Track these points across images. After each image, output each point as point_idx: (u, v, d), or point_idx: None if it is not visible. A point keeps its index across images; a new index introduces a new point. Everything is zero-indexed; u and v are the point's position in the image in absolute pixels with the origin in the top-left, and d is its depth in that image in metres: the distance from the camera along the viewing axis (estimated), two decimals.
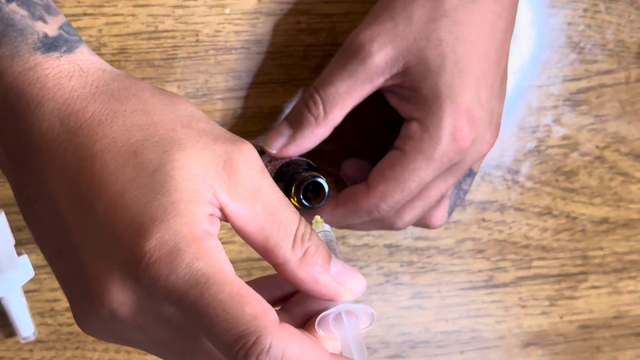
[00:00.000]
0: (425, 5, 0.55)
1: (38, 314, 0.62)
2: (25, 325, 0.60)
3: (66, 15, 0.56)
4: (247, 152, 0.42)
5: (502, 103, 0.59)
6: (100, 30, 0.58)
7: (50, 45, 0.42)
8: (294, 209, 0.43)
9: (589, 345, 0.75)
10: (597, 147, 0.71)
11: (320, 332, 0.44)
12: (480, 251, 0.70)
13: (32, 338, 0.61)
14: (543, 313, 0.73)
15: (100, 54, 0.58)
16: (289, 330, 0.39)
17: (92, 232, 0.39)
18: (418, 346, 0.71)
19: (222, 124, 0.61)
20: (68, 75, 0.42)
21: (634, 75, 0.70)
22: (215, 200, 0.40)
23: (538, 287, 0.72)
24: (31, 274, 0.59)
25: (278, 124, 0.60)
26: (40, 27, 0.42)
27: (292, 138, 0.58)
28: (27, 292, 0.61)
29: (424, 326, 0.71)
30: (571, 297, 0.73)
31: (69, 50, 0.42)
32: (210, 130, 0.43)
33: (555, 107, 0.69)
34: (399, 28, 0.55)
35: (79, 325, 0.42)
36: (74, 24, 0.57)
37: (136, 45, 0.59)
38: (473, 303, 0.71)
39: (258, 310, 0.38)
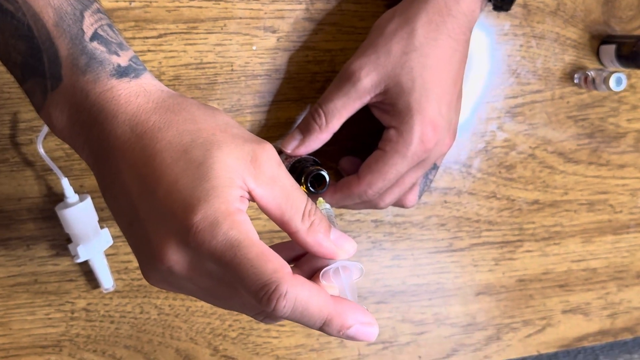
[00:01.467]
0: (400, 42, 0.56)
1: (116, 271, 0.62)
2: (106, 279, 0.60)
3: (135, 52, 0.57)
4: (268, 150, 0.42)
5: (458, 115, 0.59)
6: (160, 63, 0.58)
7: (122, 72, 0.42)
8: (303, 192, 0.43)
9: (524, 294, 0.75)
10: (530, 147, 0.71)
11: (323, 282, 0.44)
12: (443, 225, 0.71)
13: (112, 289, 0.61)
14: (490, 270, 0.73)
15: (160, 80, 0.58)
16: (300, 279, 0.39)
17: (155, 209, 0.40)
18: (397, 295, 0.71)
19: (251, 131, 0.61)
20: (135, 94, 0.42)
21: (557, 94, 0.70)
22: (245, 186, 0.40)
23: (486, 251, 0.73)
24: (110, 242, 0.60)
25: (292, 130, 0.60)
26: (115, 59, 0.42)
27: (302, 141, 0.59)
28: (107, 255, 0.61)
29: (401, 280, 0.71)
30: (511, 259, 0.74)
31: (136, 76, 0.43)
32: (241, 134, 0.43)
33: (498, 117, 0.69)
34: (381, 59, 0.56)
35: (145, 278, 0.42)
36: (141, 58, 0.57)
37: (187, 73, 0.59)
38: (438, 263, 0.71)
39: (277, 266, 0.38)
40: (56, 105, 0.42)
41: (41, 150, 0.55)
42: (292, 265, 0.46)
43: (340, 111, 0.57)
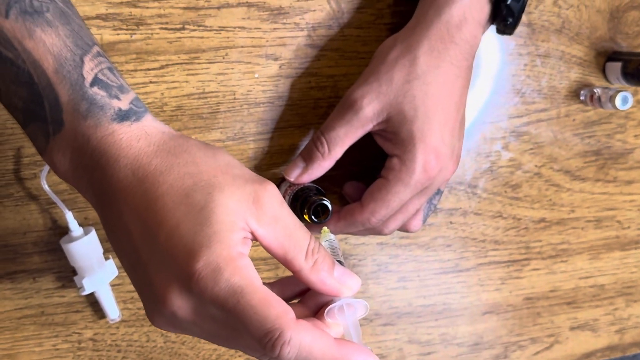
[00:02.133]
0: (402, 70, 0.55)
1: (122, 301, 0.63)
2: (112, 310, 0.61)
3: (136, 84, 0.57)
4: (270, 190, 0.42)
5: (462, 140, 0.59)
6: (162, 94, 0.58)
7: (123, 116, 0.42)
8: (306, 230, 0.43)
9: (531, 312, 0.75)
10: (536, 165, 0.71)
11: (328, 319, 0.44)
12: (449, 245, 0.71)
13: (118, 320, 0.61)
14: (496, 289, 0.73)
15: (163, 111, 0.58)
16: (304, 324, 0.39)
17: (157, 254, 0.40)
18: (403, 316, 0.71)
19: (254, 159, 0.62)
20: (137, 138, 0.42)
21: (563, 112, 0.70)
22: (247, 227, 0.40)
23: (492, 271, 0.73)
24: (116, 273, 0.60)
25: (294, 158, 0.60)
26: (115, 103, 0.42)
27: (305, 169, 0.59)
28: (113, 285, 0.62)
29: (407, 301, 0.71)
30: (517, 277, 0.74)
31: (137, 119, 0.43)
32: (242, 174, 0.43)
33: (503, 137, 0.69)
34: (383, 87, 0.56)
35: (150, 321, 0.42)
36: (143, 90, 0.57)
37: (189, 103, 0.59)
38: (444, 284, 0.72)
39: (280, 311, 0.39)
40: (58, 149, 0.43)
41: (45, 185, 0.56)
42: (297, 301, 0.47)
43: (342, 139, 0.57)
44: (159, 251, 0.40)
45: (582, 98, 0.70)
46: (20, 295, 0.60)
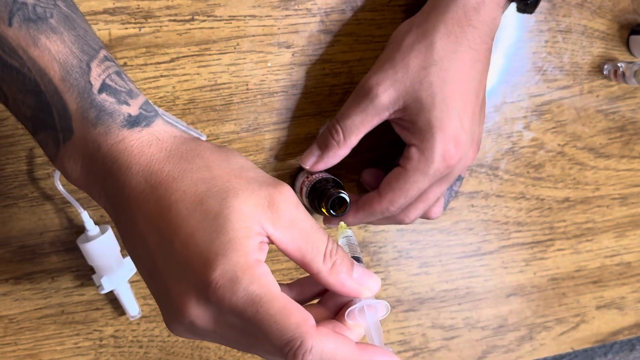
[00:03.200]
0: (418, 57, 0.54)
1: (141, 297, 0.63)
2: (132, 307, 0.61)
3: (147, 78, 0.56)
4: (285, 193, 0.42)
5: (482, 125, 0.58)
6: (174, 87, 0.57)
7: (133, 122, 0.41)
8: (324, 231, 0.43)
9: (556, 292, 0.75)
10: (559, 144, 0.69)
11: (349, 321, 0.44)
12: (471, 229, 0.70)
13: (138, 316, 0.61)
14: (520, 271, 0.73)
15: (175, 105, 0.57)
16: (325, 331, 0.39)
17: (173, 263, 0.40)
18: (426, 302, 0.71)
19: (270, 149, 0.61)
20: (148, 144, 0.41)
21: (586, 88, 0.68)
22: (263, 231, 0.40)
23: (516, 253, 0.72)
24: (134, 270, 0.59)
25: (310, 146, 0.59)
26: (125, 109, 0.42)
27: (321, 157, 0.58)
28: (132, 282, 0.61)
29: (429, 287, 0.70)
30: (542, 258, 0.73)
31: (148, 124, 0.42)
32: (257, 177, 0.42)
33: (525, 117, 0.68)
34: (399, 75, 0.54)
35: (168, 328, 0.42)
36: (154, 84, 0.57)
37: (202, 96, 0.58)
38: (466, 268, 0.71)
39: (300, 320, 0.38)
40: (69, 157, 0.42)
41: (59, 185, 0.55)
42: (316, 302, 0.47)
43: (358, 127, 0.56)
44: (175, 260, 0.39)
45: (605, 73, 0.68)
46: (39, 295, 0.60)
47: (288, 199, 0.42)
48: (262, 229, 0.40)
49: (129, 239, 0.43)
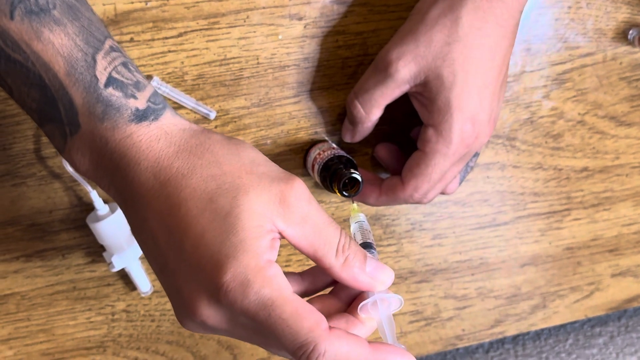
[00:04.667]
0: (443, 31, 0.52)
1: (153, 273, 0.62)
2: (143, 284, 0.61)
3: (154, 54, 0.55)
4: (296, 188, 0.41)
5: (501, 101, 0.57)
6: (182, 63, 0.56)
7: (141, 116, 0.41)
8: (336, 226, 0.43)
9: (571, 261, 0.75)
10: (579, 113, 0.68)
11: (362, 315, 0.44)
12: (486, 200, 0.69)
13: (150, 292, 0.62)
14: (536, 241, 0.73)
15: (184, 81, 0.56)
16: (337, 333, 0.39)
17: (183, 262, 0.40)
18: (439, 273, 0.71)
19: (281, 124, 0.60)
20: (156, 138, 0.41)
21: (609, 55, 0.67)
22: (275, 228, 0.40)
23: (532, 223, 0.72)
24: None
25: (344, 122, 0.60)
26: (132, 103, 0.41)
27: (353, 132, 0.59)
28: (143, 259, 0.61)
29: (443, 258, 0.70)
30: (558, 228, 0.73)
31: (156, 118, 0.41)
32: (268, 172, 0.42)
33: (545, 86, 0.66)
34: (421, 49, 0.53)
35: (180, 323, 0.42)
36: (162, 59, 0.55)
37: (211, 71, 0.57)
38: (480, 239, 0.71)
39: (312, 323, 0.39)
40: (77, 150, 0.42)
41: (67, 165, 0.55)
42: (328, 292, 0.47)
43: (378, 101, 0.56)
44: (186, 260, 0.39)
45: (630, 37, 0.66)
46: (50, 272, 0.61)
47: (300, 194, 0.42)
48: (274, 225, 0.40)
49: (139, 234, 0.43)
